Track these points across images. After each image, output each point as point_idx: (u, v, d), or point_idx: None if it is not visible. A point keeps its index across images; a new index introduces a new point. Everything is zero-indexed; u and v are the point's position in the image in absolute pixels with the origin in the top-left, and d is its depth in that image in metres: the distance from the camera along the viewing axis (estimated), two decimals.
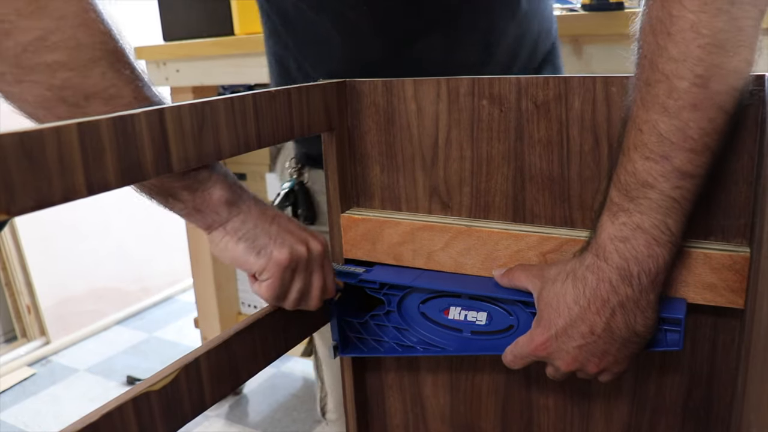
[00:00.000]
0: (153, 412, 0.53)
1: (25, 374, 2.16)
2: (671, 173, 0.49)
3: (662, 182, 0.49)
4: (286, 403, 1.93)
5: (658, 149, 0.48)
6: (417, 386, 0.80)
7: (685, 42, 0.46)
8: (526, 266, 0.62)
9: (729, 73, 0.46)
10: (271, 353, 0.66)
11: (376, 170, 0.72)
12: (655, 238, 0.51)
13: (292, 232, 0.61)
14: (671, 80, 0.47)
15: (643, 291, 0.52)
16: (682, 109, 0.47)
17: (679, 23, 0.46)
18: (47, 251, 2.31)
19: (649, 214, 0.50)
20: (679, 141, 0.48)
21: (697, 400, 0.64)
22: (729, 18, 0.45)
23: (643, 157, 0.49)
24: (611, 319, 0.53)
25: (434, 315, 0.68)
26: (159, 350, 2.30)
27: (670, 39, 0.47)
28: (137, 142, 0.45)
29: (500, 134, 0.64)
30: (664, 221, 0.50)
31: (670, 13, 0.47)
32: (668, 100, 0.47)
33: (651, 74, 0.49)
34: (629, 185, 0.51)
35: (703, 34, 0.45)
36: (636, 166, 0.50)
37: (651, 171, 0.49)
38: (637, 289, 0.52)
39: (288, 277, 0.60)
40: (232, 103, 0.53)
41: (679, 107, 0.47)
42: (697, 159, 0.48)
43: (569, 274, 0.55)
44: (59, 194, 0.40)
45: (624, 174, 0.51)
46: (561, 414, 0.72)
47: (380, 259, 0.71)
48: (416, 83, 0.66)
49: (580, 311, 0.54)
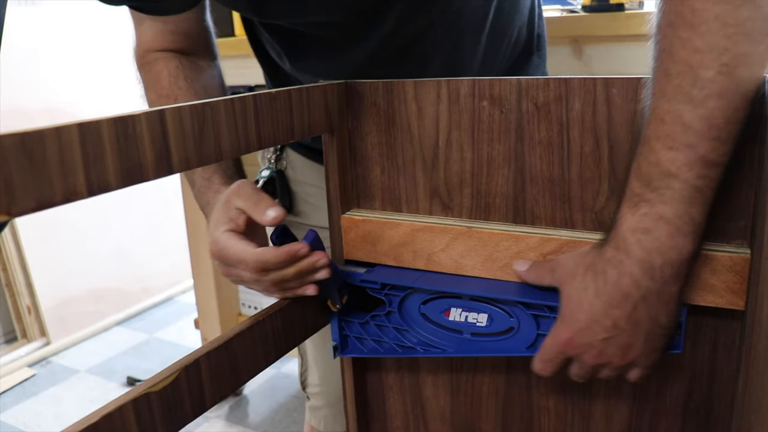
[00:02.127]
0: (153, 413, 0.53)
1: (25, 375, 2.16)
2: (696, 162, 0.48)
3: (686, 171, 0.49)
4: (287, 404, 1.93)
5: (682, 139, 0.48)
6: (417, 387, 0.80)
7: (711, 33, 0.46)
8: (542, 263, 0.61)
9: (755, 61, 0.46)
10: (272, 354, 0.66)
11: (376, 171, 0.72)
12: (679, 229, 0.50)
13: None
14: (696, 70, 0.47)
15: (666, 283, 0.51)
16: (707, 98, 0.47)
17: (703, 15, 0.46)
18: (48, 252, 2.31)
19: (673, 205, 0.50)
20: (704, 130, 0.47)
21: (698, 401, 0.64)
22: (754, 7, 0.45)
23: (666, 147, 0.49)
24: (633, 313, 0.52)
25: (435, 316, 0.68)
26: (159, 351, 2.30)
27: (694, 31, 0.47)
28: (138, 143, 0.45)
29: (501, 135, 0.64)
30: (687, 211, 0.50)
31: (692, 7, 0.47)
32: (693, 89, 0.47)
33: (672, 66, 0.48)
34: (651, 176, 0.50)
35: (729, 24, 0.45)
36: (659, 157, 0.50)
37: (674, 161, 0.49)
38: (659, 282, 0.51)
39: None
40: (233, 104, 0.53)
41: (705, 96, 0.47)
42: (722, 147, 0.48)
43: (588, 267, 0.55)
44: (60, 195, 0.40)
45: (646, 165, 0.51)
46: (561, 415, 0.72)
47: (380, 260, 0.71)
48: (417, 84, 0.66)
49: (602, 306, 0.53)
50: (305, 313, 0.70)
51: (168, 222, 2.61)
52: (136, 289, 2.61)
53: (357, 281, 0.69)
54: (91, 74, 2.41)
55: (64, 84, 2.35)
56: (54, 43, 2.32)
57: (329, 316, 0.73)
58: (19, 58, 2.17)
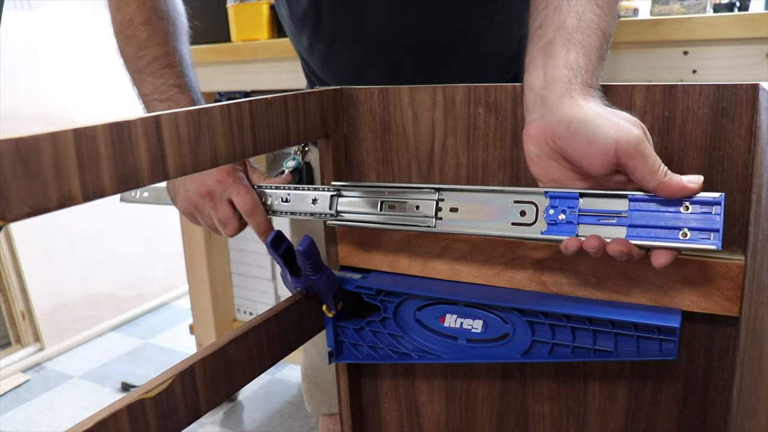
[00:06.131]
0: (147, 419, 0.53)
1: (19, 380, 2.15)
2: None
3: None
4: (282, 410, 1.93)
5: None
6: (413, 393, 0.80)
7: None
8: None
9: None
10: (267, 360, 0.66)
11: (372, 177, 0.72)
12: None
13: None
14: None
15: None
16: None
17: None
18: (42, 257, 2.30)
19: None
20: None
21: (693, 408, 0.64)
22: None
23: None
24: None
25: (430, 322, 0.68)
26: (154, 357, 2.29)
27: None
28: (133, 149, 0.45)
29: (496, 142, 0.64)
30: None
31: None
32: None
33: None
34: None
35: None
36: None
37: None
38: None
39: None
40: (229, 110, 0.53)
41: None
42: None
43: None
44: (55, 201, 0.40)
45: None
46: (556, 422, 0.72)
47: (376, 266, 0.71)
48: (412, 91, 0.67)
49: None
50: (300, 319, 0.70)
51: (163, 227, 2.61)
52: (130, 294, 2.61)
53: (352, 287, 0.69)
54: (86, 79, 2.41)
55: (60, 89, 2.34)
56: (50, 47, 2.31)
57: (324, 322, 0.73)
58: (14, 63, 2.17)
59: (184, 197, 0.72)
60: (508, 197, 0.56)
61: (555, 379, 0.70)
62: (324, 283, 0.66)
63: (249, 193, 0.69)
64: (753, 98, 0.53)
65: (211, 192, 0.70)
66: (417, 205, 0.61)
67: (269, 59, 1.43)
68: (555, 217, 0.54)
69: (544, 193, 0.54)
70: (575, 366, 0.68)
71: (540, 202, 0.55)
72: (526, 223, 0.55)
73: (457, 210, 0.59)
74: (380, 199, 0.63)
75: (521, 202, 0.56)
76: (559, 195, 0.54)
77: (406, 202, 0.61)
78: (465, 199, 0.59)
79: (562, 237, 0.53)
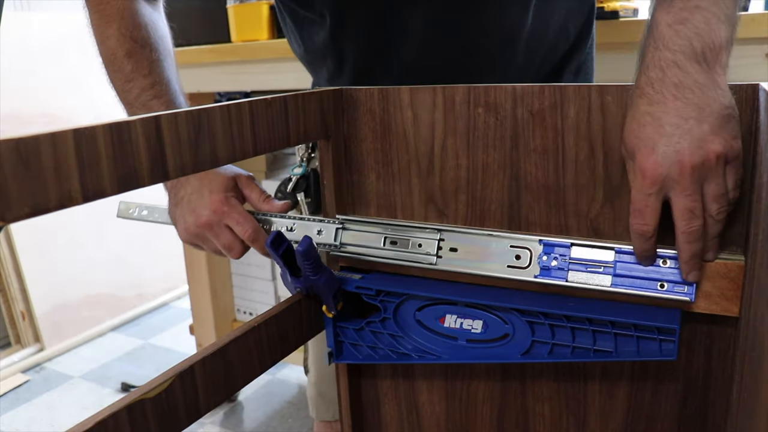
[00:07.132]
0: (147, 419, 0.52)
1: (19, 381, 2.14)
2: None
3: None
4: (282, 410, 1.92)
5: None
6: (413, 394, 0.80)
7: None
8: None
9: None
10: (267, 360, 0.66)
11: (371, 178, 0.72)
12: (715, 14, 0.51)
13: None
14: None
15: (711, 67, 0.52)
16: None
17: None
18: (42, 257, 2.30)
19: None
20: None
21: (693, 408, 0.64)
22: None
23: None
24: (692, 96, 0.51)
25: (430, 322, 0.68)
26: (154, 357, 2.29)
27: None
28: (133, 149, 0.45)
29: (496, 142, 0.64)
30: (719, 1, 0.52)
31: None
32: None
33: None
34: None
35: None
36: None
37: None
38: (704, 66, 0.52)
39: None
40: (229, 110, 0.53)
41: None
42: None
43: (633, 101, 0.55)
44: (55, 201, 0.40)
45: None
46: (556, 422, 0.72)
47: (376, 266, 0.71)
48: (412, 91, 0.67)
49: (659, 107, 0.52)
50: (300, 319, 0.70)
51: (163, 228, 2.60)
52: (130, 294, 2.60)
53: (352, 288, 0.69)
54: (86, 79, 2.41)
55: (60, 89, 2.34)
56: (49, 48, 2.31)
57: (324, 323, 0.73)
58: (14, 63, 2.17)
59: (184, 228, 0.73)
60: (505, 242, 0.62)
61: (555, 380, 0.70)
62: (324, 284, 0.66)
63: (247, 220, 0.69)
64: (753, 98, 0.53)
65: (209, 223, 0.70)
66: (419, 243, 0.66)
67: (269, 60, 1.43)
68: (548, 263, 0.60)
69: (539, 241, 0.61)
70: (575, 366, 0.68)
71: (534, 248, 0.61)
72: (521, 266, 0.61)
73: (456, 250, 0.65)
74: (384, 235, 0.67)
75: (517, 247, 0.62)
76: (552, 243, 0.60)
77: (408, 239, 0.66)
78: (465, 240, 0.64)
79: (554, 281, 0.59)
